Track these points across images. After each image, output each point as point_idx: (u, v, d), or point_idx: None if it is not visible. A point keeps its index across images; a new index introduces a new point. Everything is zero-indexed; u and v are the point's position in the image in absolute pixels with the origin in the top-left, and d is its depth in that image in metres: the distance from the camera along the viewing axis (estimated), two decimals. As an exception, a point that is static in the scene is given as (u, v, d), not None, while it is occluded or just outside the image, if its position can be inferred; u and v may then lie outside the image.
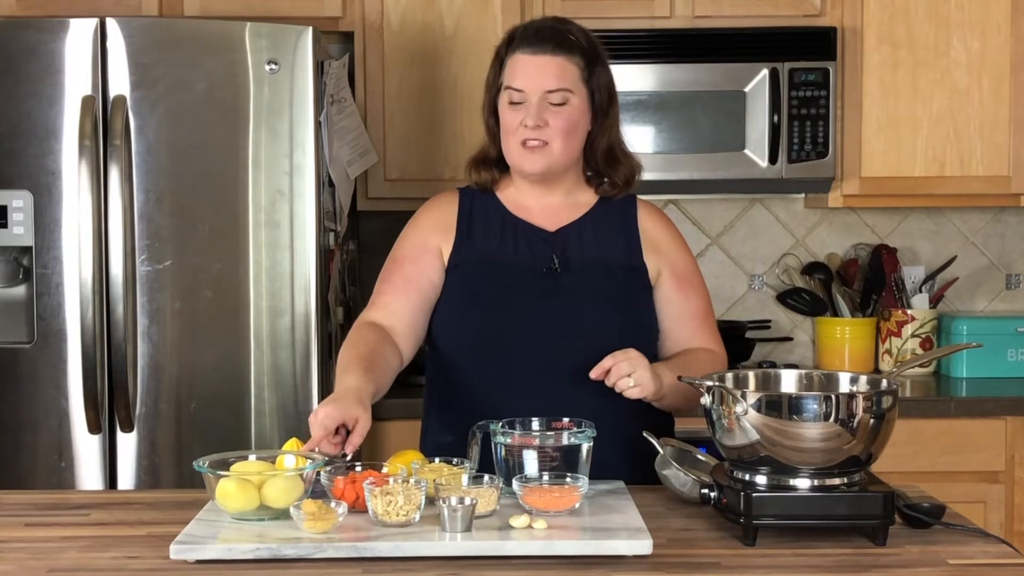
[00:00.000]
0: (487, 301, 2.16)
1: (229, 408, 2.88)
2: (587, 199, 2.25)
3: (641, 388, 2.00)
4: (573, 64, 2.15)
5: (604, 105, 2.20)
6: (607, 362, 2.01)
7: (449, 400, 2.21)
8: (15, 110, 2.85)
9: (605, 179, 2.24)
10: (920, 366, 3.56)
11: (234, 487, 1.73)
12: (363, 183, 3.37)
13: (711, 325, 2.25)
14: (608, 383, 2.02)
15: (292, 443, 1.92)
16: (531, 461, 1.84)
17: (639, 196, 2.29)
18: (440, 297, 2.20)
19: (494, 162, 2.25)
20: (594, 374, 2.02)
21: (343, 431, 1.87)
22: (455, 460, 1.89)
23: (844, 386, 1.84)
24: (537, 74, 2.14)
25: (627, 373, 2.00)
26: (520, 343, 2.13)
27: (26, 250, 2.88)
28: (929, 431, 3.16)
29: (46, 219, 2.86)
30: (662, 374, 2.04)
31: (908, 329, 3.57)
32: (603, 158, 2.22)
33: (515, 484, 1.77)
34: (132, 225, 2.85)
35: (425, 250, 2.21)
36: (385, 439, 3.11)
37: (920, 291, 3.64)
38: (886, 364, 3.60)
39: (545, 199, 2.23)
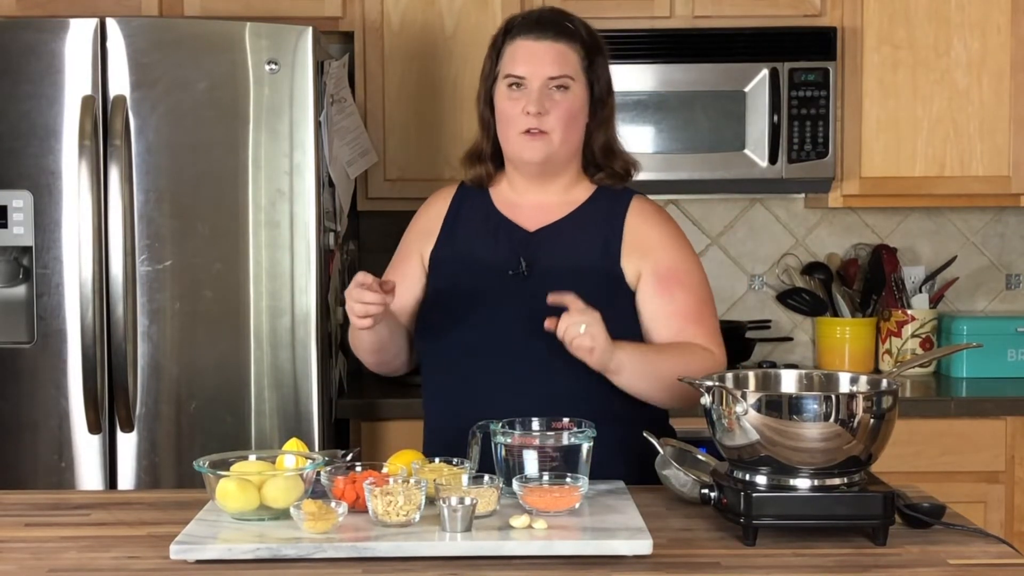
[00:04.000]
0: (456, 301, 2.14)
1: (229, 408, 2.88)
2: (581, 195, 2.20)
3: (592, 338, 1.93)
4: (574, 52, 2.12)
5: (603, 97, 2.17)
6: (564, 317, 1.94)
7: (432, 400, 2.21)
8: (15, 110, 2.85)
9: (603, 171, 2.20)
10: (920, 366, 3.56)
11: (234, 487, 1.73)
12: (363, 183, 3.37)
13: (703, 323, 2.13)
14: (559, 334, 1.95)
15: (292, 443, 1.92)
16: (531, 461, 1.84)
17: (639, 194, 2.25)
18: (421, 296, 2.20)
19: (489, 157, 2.21)
20: (549, 324, 1.95)
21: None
22: (455, 460, 1.89)
23: (844, 386, 1.84)
24: (539, 60, 2.10)
25: (579, 323, 1.93)
26: (487, 346, 2.09)
27: (26, 250, 2.88)
28: (929, 431, 3.16)
29: (46, 219, 2.86)
30: (620, 346, 1.98)
31: (908, 329, 3.57)
32: (601, 152, 2.19)
33: (515, 484, 1.77)
34: (132, 225, 2.84)
35: (408, 260, 2.21)
36: (385, 439, 3.11)
37: (920, 291, 3.64)
38: (886, 364, 3.60)
39: (540, 195, 2.19)
